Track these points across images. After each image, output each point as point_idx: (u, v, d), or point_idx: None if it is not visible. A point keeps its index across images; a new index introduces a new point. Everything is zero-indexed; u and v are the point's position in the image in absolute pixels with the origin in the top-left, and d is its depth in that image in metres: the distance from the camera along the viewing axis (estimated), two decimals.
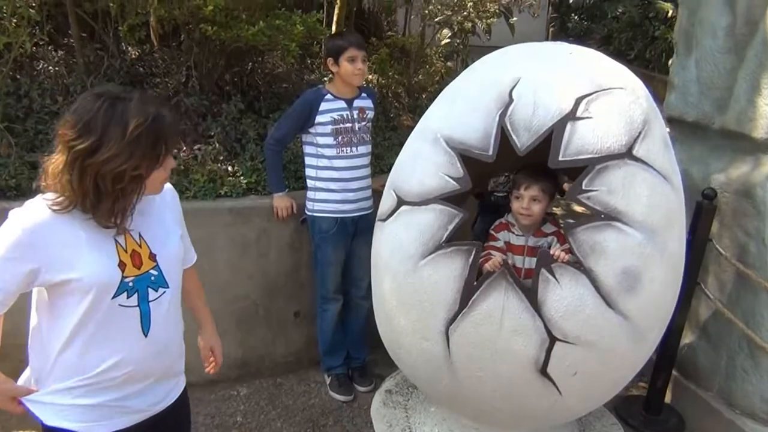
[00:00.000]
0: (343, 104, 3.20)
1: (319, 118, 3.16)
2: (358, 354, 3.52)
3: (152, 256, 1.65)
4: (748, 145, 2.78)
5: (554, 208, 2.48)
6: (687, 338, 3.10)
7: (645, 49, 9.92)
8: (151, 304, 1.64)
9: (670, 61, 9.28)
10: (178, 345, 1.81)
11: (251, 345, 3.47)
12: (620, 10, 10.24)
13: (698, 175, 3.00)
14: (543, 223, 2.45)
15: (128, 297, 1.59)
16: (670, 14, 9.31)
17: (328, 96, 3.20)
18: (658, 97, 2.62)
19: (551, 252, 2.17)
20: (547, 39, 10.28)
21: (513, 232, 2.47)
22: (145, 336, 1.64)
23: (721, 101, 2.94)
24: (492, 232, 2.52)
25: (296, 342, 3.59)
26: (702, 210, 2.76)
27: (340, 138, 3.18)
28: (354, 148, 3.21)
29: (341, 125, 3.19)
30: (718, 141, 2.98)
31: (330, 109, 3.18)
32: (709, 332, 3.00)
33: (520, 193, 2.42)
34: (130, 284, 1.60)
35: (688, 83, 3.13)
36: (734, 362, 2.86)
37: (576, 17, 11.57)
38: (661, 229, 2.14)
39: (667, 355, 2.92)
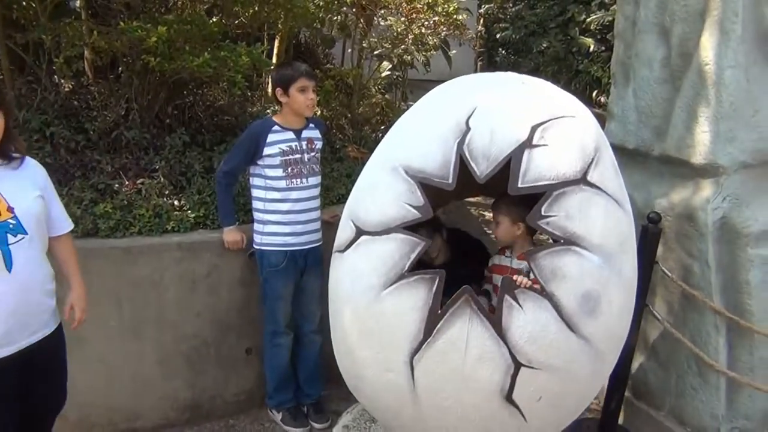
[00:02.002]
0: (291, 135, 3.17)
1: (267, 150, 3.11)
2: (312, 390, 3.43)
3: (10, 209, 2.10)
4: (688, 170, 2.90)
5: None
6: (637, 359, 3.16)
7: (570, 82, 10.32)
8: (11, 246, 2.08)
9: (594, 93, 9.70)
10: (43, 284, 2.22)
11: (202, 385, 3.34)
12: (545, 45, 10.64)
13: (640, 200, 3.10)
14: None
15: None
16: (591, 49, 9.74)
17: (276, 127, 3.16)
18: None
19: (513, 278, 2.19)
20: (476, 72, 10.56)
21: (505, 255, 2.57)
22: (9, 272, 2.07)
23: (659, 129, 3.06)
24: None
25: (248, 380, 3.48)
26: (648, 233, 2.85)
27: (289, 169, 3.14)
28: (304, 180, 3.18)
29: (290, 156, 3.15)
30: (659, 167, 3.10)
31: (278, 140, 3.14)
32: (658, 353, 3.08)
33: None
34: None
35: (627, 112, 3.25)
36: (684, 381, 2.94)
37: (503, 52, 11.95)
38: (616, 253, 2.19)
39: (619, 377, 2.97)
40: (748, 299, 2.75)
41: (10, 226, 2.10)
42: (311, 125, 3.28)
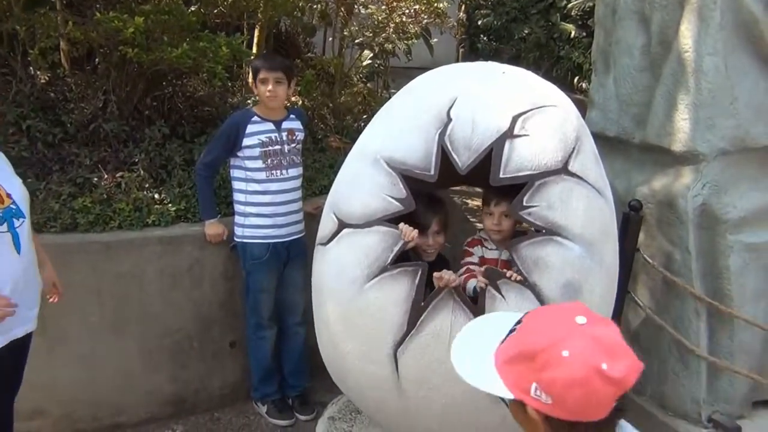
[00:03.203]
0: (271, 126, 3.14)
1: (246, 141, 3.09)
2: (297, 382, 3.43)
3: (8, 195, 2.21)
4: (668, 158, 2.91)
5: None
6: None
7: (552, 69, 10.31)
8: (17, 229, 2.19)
9: (575, 79, 9.73)
10: (36, 266, 2.33)
11: (186, 379, 3.32)
12: (526, 31, 10.61)
13: (621, 188, 3.11)
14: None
15: (0, 225, 2.12)
16: (572, 35, 9.73)
17: (255, 118, 3.14)
18: None
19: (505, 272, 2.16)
20: (458, 60, 10.52)
21: (486, 247, 2.51)
22: (19, 254, 2.18)
23: (640, 117, 3.07)
24: (466, 248, 2.54)
25: (232, 373, 3.47)
26: (629, 221, 2.87)
27: (269, 161, 3.11)
28: (284, 171, 3.15)
29: (270, 148, 3.12)
30: (639, 155, 3.11)
31: (257, 132, 3.11)
32: (640, 339, 3.10)
33: (491, 209, 2.45)
34: (0, 214, 2.13)
35: (608, 100, 3.25)
36: (665, 366, 2.97)
37: (485, 38, 11.90)
38: (598, 242, 2.20)
39: None
40: (727, 285, 2.78)
41: (13, 210, 2.20)
42: (292, 116, 3.25)
